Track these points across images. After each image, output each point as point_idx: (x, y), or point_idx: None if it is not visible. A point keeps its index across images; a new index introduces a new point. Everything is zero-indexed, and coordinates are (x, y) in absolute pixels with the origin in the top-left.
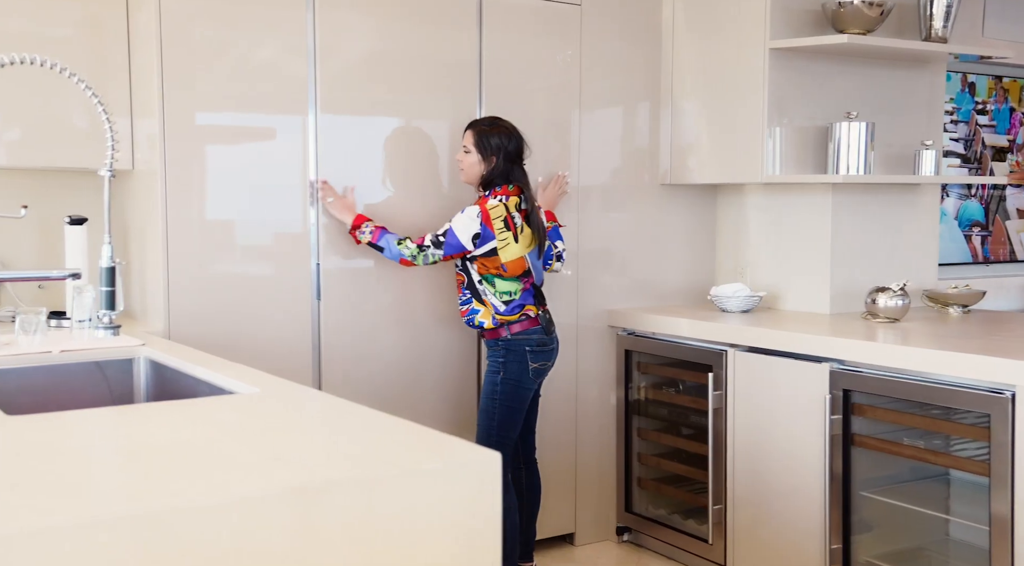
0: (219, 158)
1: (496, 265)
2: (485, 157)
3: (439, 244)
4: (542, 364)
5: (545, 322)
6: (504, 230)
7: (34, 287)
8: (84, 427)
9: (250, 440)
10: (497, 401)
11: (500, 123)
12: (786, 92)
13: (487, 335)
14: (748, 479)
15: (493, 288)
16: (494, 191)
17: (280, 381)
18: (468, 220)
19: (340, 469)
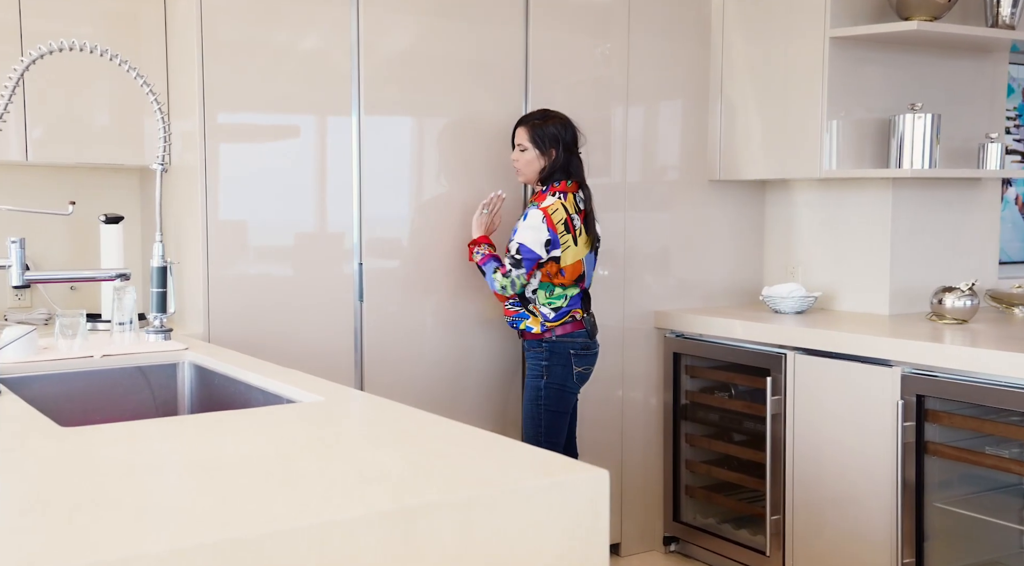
0: (259, 156)
1: (555, 270)
2: (543, 151)
3: (518, 264)
4: (586, 368)
5: (590, 325)
6: (565, 232)
7: (65, 288)
8: (145, 440)
9: (328, 455)
10: (542, 407)
11: (552, 114)
12: (845, 83)
13: (528, 336)
14: (809, 488)
15: (548, 296)
16: (552, 187)
17: (343, 388)
18: (535, 228)
19: (437, 489)
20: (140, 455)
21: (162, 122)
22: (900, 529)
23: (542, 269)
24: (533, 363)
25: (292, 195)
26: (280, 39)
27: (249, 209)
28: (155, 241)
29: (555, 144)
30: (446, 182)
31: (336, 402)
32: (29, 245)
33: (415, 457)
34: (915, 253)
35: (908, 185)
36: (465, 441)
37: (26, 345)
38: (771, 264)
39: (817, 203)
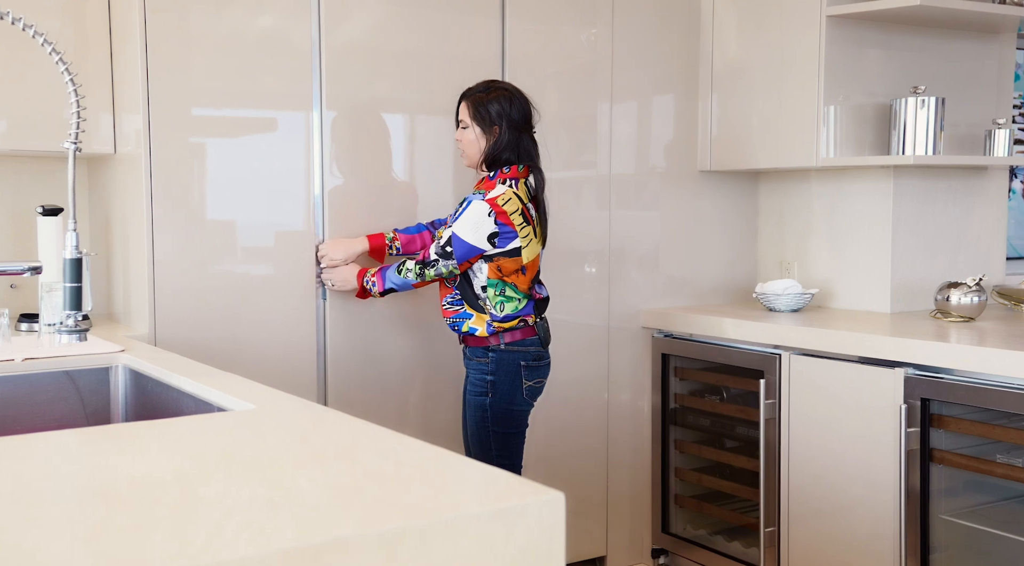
0: (213, 148)
1: (516, 267)
2: (486, 129)
3: (448, 255)
4: (538, 381)
5: (543, 332)
6: (525, 224)
7: (6, 287)
8: (35, 458)
9: (237, 475)
10: (490, 429)
11: (498, 86)
12: (844, 66)
13: (470, 341)
14: (806, 498)
15: (500, 296)
16: (500, 172)
17: (279, 395)
18: (476, 221)
19: (354, 519)
20: (18, 476)
21: (74, 95)
22: (904, 542)
23: (493, 263)
24: (476, 377)
25: (249, 187)
26: (231, 28)
27: (200, 201)
28: (68, 230)
29: (498, 121)
30: (411, 178)
31: (268, 411)
32: None
33: (341, 478)
34: (918, 246)
35: (910, 174)
36: (407, 459)
37: None
38: (765, 259)
39: (813, 194)
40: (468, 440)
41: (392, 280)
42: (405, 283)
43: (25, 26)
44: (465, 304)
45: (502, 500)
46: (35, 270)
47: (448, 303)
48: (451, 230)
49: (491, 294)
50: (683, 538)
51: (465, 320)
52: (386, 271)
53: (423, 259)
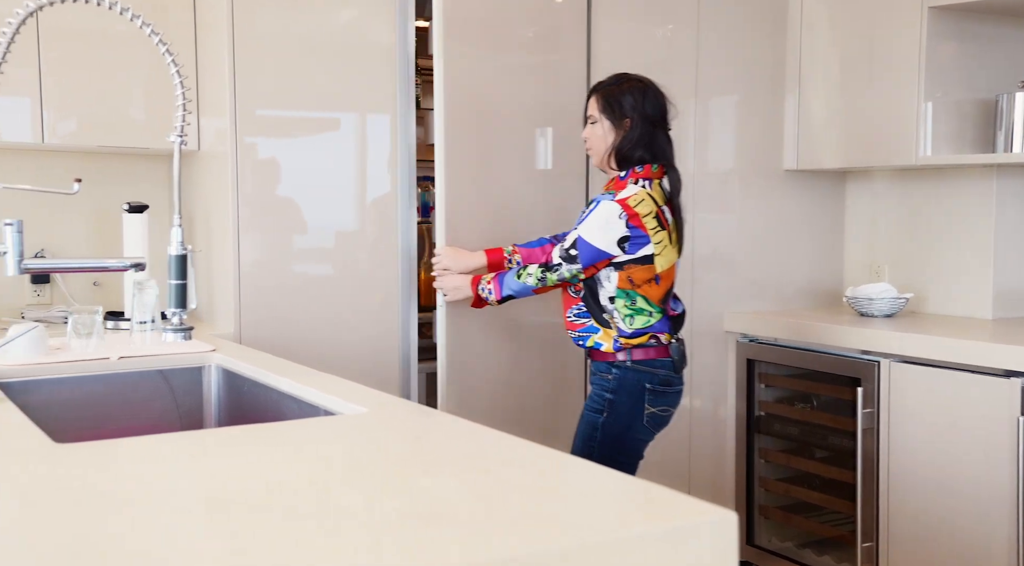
0: (295, 149)
1: (649, 276)
2: (616, 123)
3: (571, 259)
4: (663, 409)
5: (678, 355)
6: (659, 228)
7: (88, 285)
8: (152, 462)
9: (374, 485)
10: (596, 450)
11: (630, 77)
12: (945, 60)
13: (596, 355)
14: (908, 512)
15: (630, 308)
16: (633, 172)
17: (387, 397)
18: (606, 222)
19: (520, 536)
20: (144, 483)
21: (180, 86)
22: (1020, 563)
23: (624, 272)
24: (596, 392)
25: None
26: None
27: (285, 199)
28: (173, 226)
29: (632, 113)
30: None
31: (381, 414)
32: (50, 237)
33: (484, 489)
34: (1022, 250)
35: (1016, 173)
36: (544, 468)
37: (34, 345)
38: (852, 262)
39: (906, 195)
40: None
41: (510, 286)
42: (524, 288)
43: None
44: (591, 317)
45: (670, 518)
46: (138, 266)
47: (573, 315)
48: (577, 232)
49: (620, 305)
50: (769, 550)
51: (591, 335)
52: (503, 277)
53: (546, 262)
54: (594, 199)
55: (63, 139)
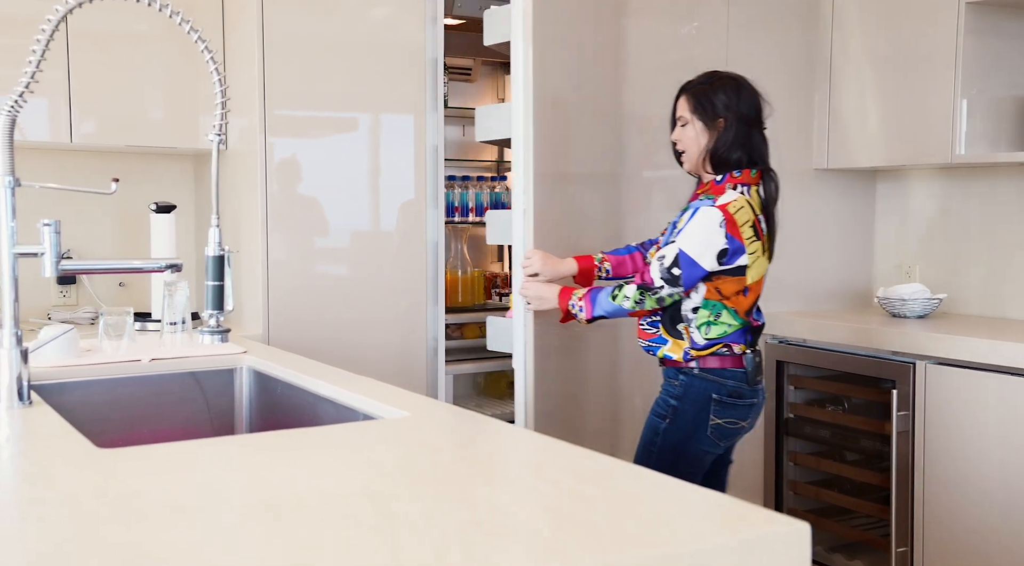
0: (321, 144)
1: (738, 288)
2: (708, 123)
3: (675, 280)
4: (731, 422)
5: (751, 366)
6: (754, 238)
7: (113, 286)
8: (197, 467)
9: (431, 493)
10: (655, 455)
11: (721, 75)
12: (981, 56)
13: (666, 361)
14: (946, 518)
15: (711, 320)
16: (730, 176)
17: (428, 401)
18: (706, 232)
19: (596, 550)
20: (191, 489)
21: (219, 85)
22: None
23: (712, 282)
24: (662, 397)
25: (365, 185)
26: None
27: (313, 200)
28: (211, 226)
29: (725, 113)
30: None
31: (424, 418)
32: (75, 237)
33: (547, 499)
34: None
35: None
36: (604, 477)
37: (65, 347)
38: (883, 262)
39: (938, 193)
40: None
41: (603, 306)
42: (618, 311)
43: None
44: (661, 327)
45: (743, 530)
46: (174, 267)
47: (646, 324)
48: (677, 246)
49: (701, 315)
50: None
51: (660, 346)
52: (596, 295)
53: (643, 283)
54: (690, 205)
55: (90, 139)
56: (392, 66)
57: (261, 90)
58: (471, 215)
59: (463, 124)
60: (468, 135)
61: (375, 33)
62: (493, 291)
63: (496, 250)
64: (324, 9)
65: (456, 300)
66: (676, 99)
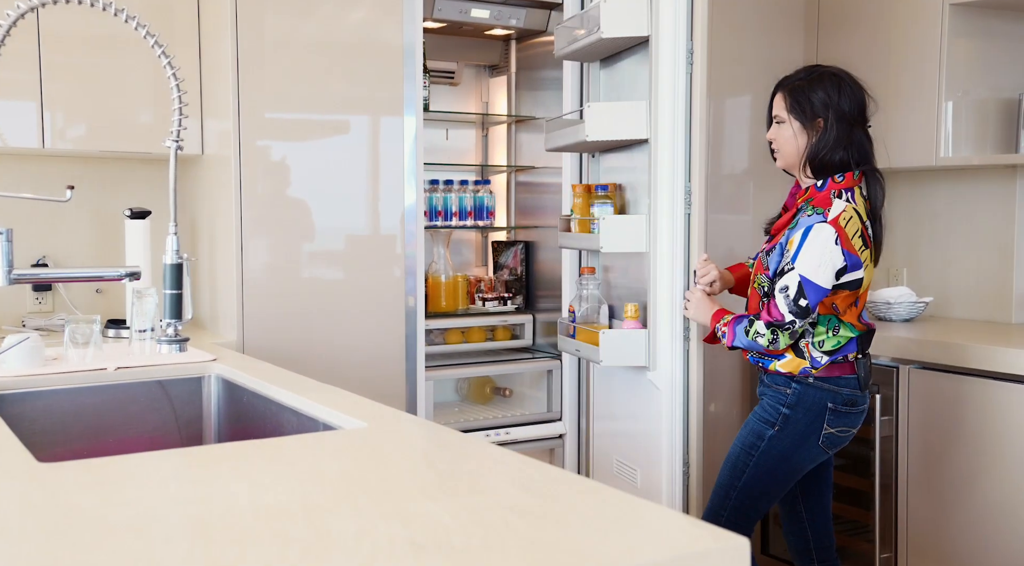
0: (302, 152)
1: (852, 300)
2: (806, 123)
3: (804, 312)
4: (843, 430)
5: (864, 371)
6: (864, 248)
7: (91, 293)
8: (136, 483)
9: (369, 509)
10: (754, 459)
11: (822, 71)
12: (966, 58)
13: (777, 372)
14: (929, 524)
15: (832, 333)
16: (832, 182)
17: (390, 411)
18: (823, 251)
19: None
20: (126, 505)
21: (176, 90)
22: None
23: (828, 297)
24: (770, 404)
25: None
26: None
27: (289, 204)
28: (168, 234)
29: (824, 112)
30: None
31: (382, 429)
32: (51, 244)
33: (484, 513)
34: None
35: None
36: (550, 490)
37: (29, 355)
38: None
39: (925, 196)
40: (724, 463)
41: (741, 339)
42: (754, 346)
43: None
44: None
45: (679, 546)
46: (133, 276)
47: None
48: (797, 273)
49: (819, 331)
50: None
51: (775, 361)
52: (737, 325)
53: (772, 321)
54: (800, 222)
55: (64, 144)
56: (370, 69)
57: (235, 94)
58: (454, 219)
59: (446, 127)
60: (452, 138)
61: (352, 36)
62: (476, 296)
63: (480, 255)
64: (300, 12)
65: (439, 305)
66: (772, 96)
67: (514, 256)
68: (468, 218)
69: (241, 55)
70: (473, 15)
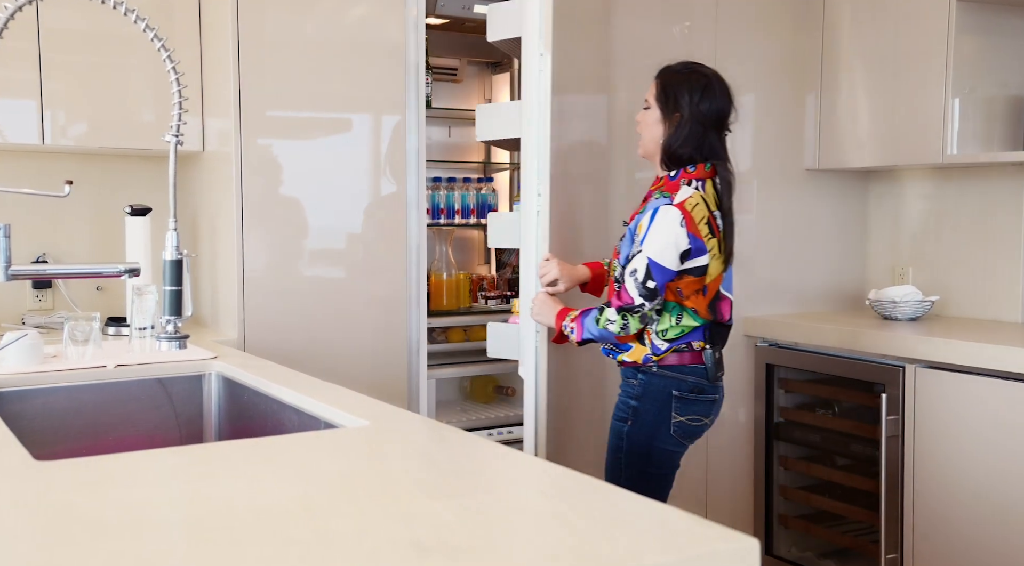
0: (302, 145)
1: (698, 287)
2: (667, 114)
3: (652, 294)
4: (694, 419)
5: (711, 362)
6: (711, 235)
7: (91, 290)
8: (135, 481)
9: (371, 508)
10: (623, 461)
11: (697, 70)
12: (973, 55)
13: (625, 363)
14: (936, 524)
15: (674, 321)
16: (684, 172)
17: (392, 409)
18: (669, 232)
19: None
20: (124, 504)
21: (176, 84)
22: None
23: (673, 283)
24: (621, 398)
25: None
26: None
27: (291, 200)
28: (168, 229)
29: (684, 109)
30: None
31: (384, 428)
32: (51, 241)
33: (486, 513)
34: None
35: None
36: (555, 489)
37: (28, 352)
38: (875, 265)
39: (931, 193)
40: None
41: (591, 330)
42: (605, 335)
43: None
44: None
45: (687, 547)
46: (132, 272)
47: None
48: (645, 255)
49: (664, 319)
50: (788, 561)
51: (621, 351)
52: (586, 317)
53: (622, 305)
54: (648, 205)
55: (64, 141)
56: (372, 66)
57: (236, 90)
58: (456, 217)
59: (449, 124)
60: (454, 136)
61: (354, 32)
62: (479, 294)
63: (483, 253)
64: (301, 8)
65: (441, 303)
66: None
67: (517, 254)
68: (471, 216)
69: (242, 52)
70: (476, 11)
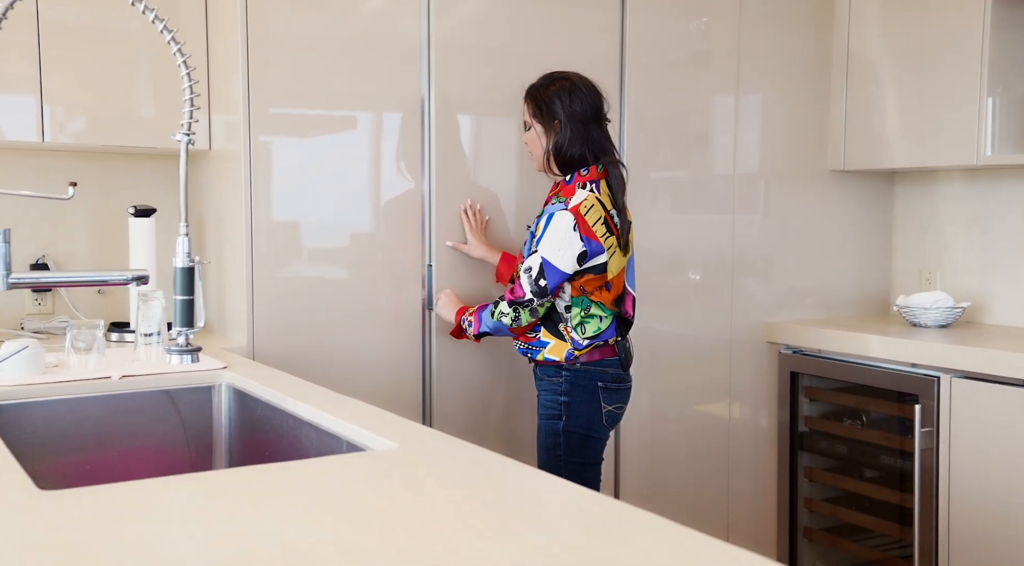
0: (313, 143)
1: (600, 283)
2: (547, 125)
3: (543, 291)
4: (617, 406)
5: (624, 353)
6: (608, 234)
7: (93, 294)
8: (151, 517)
9: (418, 550)
10: (563, 458)
11: (557, 76)
12: (1010, 52)
13: (547, 363)
14: (974, 541)
15: (584, 315)
16: (578, 175)
17: (420, 430)
18: (563, 237)
19: None
20: (140, 543)
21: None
22: None
23: (576, 281)
24: (548, 398)
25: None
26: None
27: (300, 202)
28: (180, 235)
29: (560, 114)
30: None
31: (414, 451)
32: (51, 243)
33: (541, 554)
34: None
35: None
36: (609, 524)
37: (28, 363)
38: (901, 269)
39: (961, 196)
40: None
41: (486, 323)
42: (499, 328)
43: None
44: (543, 330)
45: None
46: (140, 280)
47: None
48: (540, 255)
49: (575, 314)
50: None
51: (542, 349)
52: (482, 312)
53: (515, 298)
54: (545, 210)
55: (64, 138)
56: (386, 62)
57: (245, 87)
58: None
59: None
60: None
61: (367, 27)
62: None
63: None
64: (312, 2)
65: None
66: (524, 103)
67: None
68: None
69: (251, 47)
70: None
